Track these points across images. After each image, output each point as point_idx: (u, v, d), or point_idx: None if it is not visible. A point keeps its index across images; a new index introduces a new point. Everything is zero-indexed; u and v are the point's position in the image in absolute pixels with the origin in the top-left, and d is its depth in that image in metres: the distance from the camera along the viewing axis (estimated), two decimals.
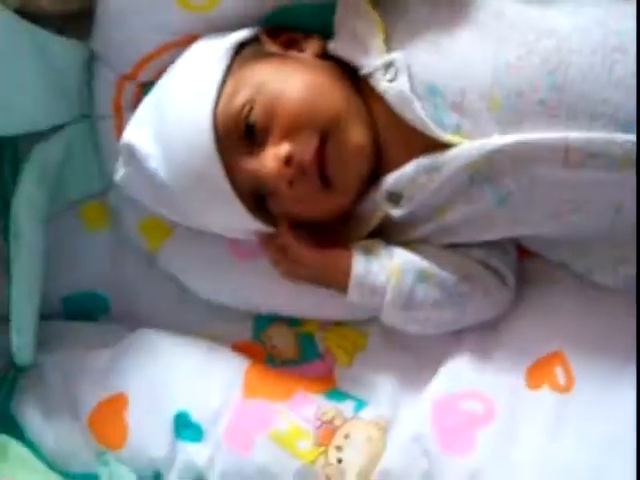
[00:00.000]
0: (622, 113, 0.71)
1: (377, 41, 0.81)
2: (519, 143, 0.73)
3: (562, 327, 0.82)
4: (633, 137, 0.71)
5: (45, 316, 0.98)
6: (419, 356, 0.88)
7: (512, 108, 0.74)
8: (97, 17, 0.91)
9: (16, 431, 0.92)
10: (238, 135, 0.80)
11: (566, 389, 0.79)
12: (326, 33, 0.88)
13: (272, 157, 0.78)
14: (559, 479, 0.75)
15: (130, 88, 0.95)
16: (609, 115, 0.72)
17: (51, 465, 0.89)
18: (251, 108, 0.80)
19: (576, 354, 0.80)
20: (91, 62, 0.96)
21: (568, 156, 0.72)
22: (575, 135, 0.72)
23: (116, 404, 0.91)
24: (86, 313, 1.04)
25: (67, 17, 0.95)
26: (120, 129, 0.93)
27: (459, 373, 0.84)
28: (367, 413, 0.85)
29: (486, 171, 0.76)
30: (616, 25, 0.73)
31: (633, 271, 0.79)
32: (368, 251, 0.84)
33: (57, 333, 1.00)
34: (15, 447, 0.89)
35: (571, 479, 0.74)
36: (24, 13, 0.88)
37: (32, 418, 0.92)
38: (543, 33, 0.74)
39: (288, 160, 0.78)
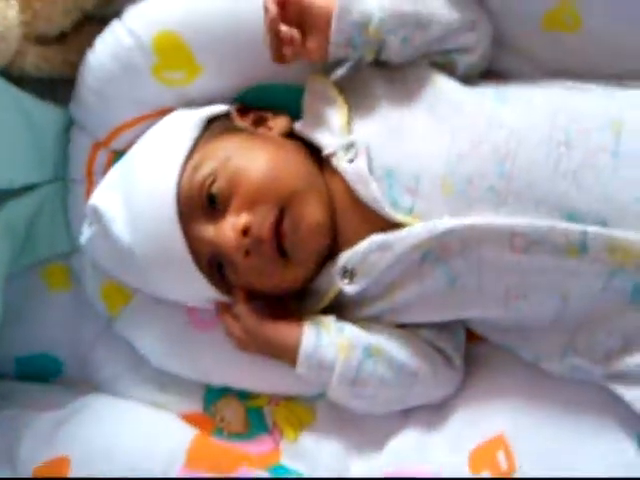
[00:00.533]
0: (566, 203, 0.75)
1: (340, 123, 0.85)
2: (467, 227, 0.76)
3: (506, 411, 0.83)
4: (577, 227, 0.74)
5: None
6: (365, 433, 0.88)
7: (463, 194, 0.78)
8: (77, 85, 0.95)
9: None
10: (200, 205, 0.83)
11: (507, 474, 0.78)
12: (295, 113, 0.92)
13: (230, 227, 0.81)
14: None
15: (103, 155, 0.98)
16: (554, 204, 0.75)
17: None
18: (214, 180, 0.82)
19: (519, 439, 0.80)
20: (69, 127, 0.99)
21: (513, 241, 0.75)
22: (520, 221, 0.75)
23: (58, 467, 0.88)
24: (39, 374, 1.03)
25: (51, 82, 0.99)
26: (90, 193, 0.95)
27: (405, 450, 0.84)
28: None
29: (436, 251, 0.78)
30: (564, 122, 0.78)
31: (579, 361, 0.80)
32: (319, 325, 0.85)
33: (7, 392, 0.98)
34: None
35: None
36: (9, 75, 0.91)
37: None
38: (494, 126, 0.79)
39: (246, 231, 0.80)
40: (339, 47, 0.83)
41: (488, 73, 0.91)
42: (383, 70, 0.87)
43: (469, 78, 0.87)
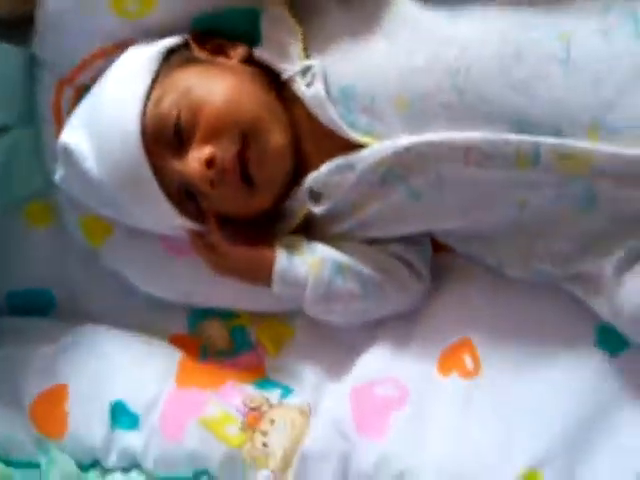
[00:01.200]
0: (519, 115, 0.77)
1: (296, 48, 0.87)
2: (423, 143, 0.79)
3: (472, 317, 0.89)
4: (529, 138, 0.76)
5: None
6: (342, 346, 0.94)
7: (418, 111, 0.80)
8: (36, 22, 0.95)
9: None
10: (166, 138, 0.85)
11: (474, 374, 0.85)
12: (254, 39, 0.92)
13: (195, 159, 0.83)
14: (468, 455, 0.81)
15: (69, 91, 0.99)
16: (507, 117, 0.77)
17: None
18: (176, 113, 0.84)
19: (484, 342, 0.87)
20: (32, 67, 1.00)
21: (468, 156, 0.78)
22: (473, 136, 0.77)
23: (57, 395, 0.95)
24: (33, 309, 1.08)
25: (9, 22, 0.99)
26: (60, 131, 0.96)
27: (377, 361, 0.90)
28: (292, 400, 0.91)
29: (396, 169, 0.81)
30: (514, 35, 0.79)
31: (540, 265, 0.85)
32: (291, 247, 0.89)
33: (5, 327, 1.03)
34: None
35: (480, 454, 0.80)
36: None
37: None
38: (448, 41, 0.80)
39: (210, 162, 0.82)
40: None
41: None
42: None
43: None
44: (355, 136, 0.82)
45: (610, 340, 0.84)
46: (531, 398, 0.81)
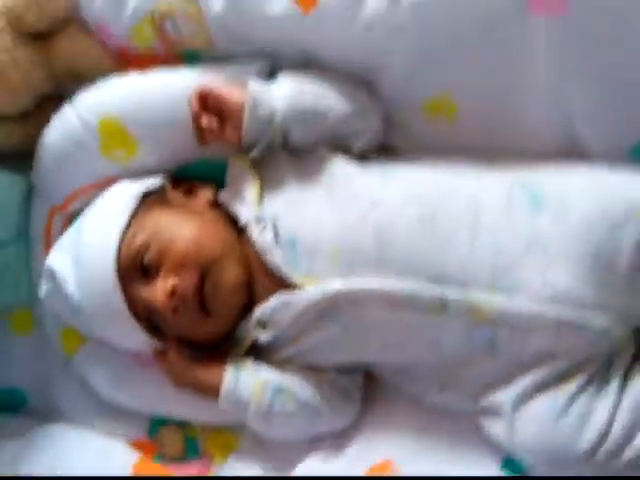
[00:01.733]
0: (432, 270, 0.90)
1: (253, 197, 1.00)
2: (350, 290, 0.91)
3: (396, 440, 1.00)
4: (439, 290, 0.89)
5: None
6: (280, 457, 1.04)
7: (348, 261, 0.93)
8: (36, 158, 1.10)
9: None
10: (135, 270, 0.97)
11: None
12: (223, 183, 1.07)
13: (160, 289, 0.95)
14: None
15: (59, 218, 1.12)
16: (422, 271, 0.90)
17: None
18: (146, 249, 0.97)
19: (404, 464, 0.97)
20: (30, 193, 1.14)
21: (389, 301, 0.91)
22: (394, 285, 0.90)
23: None
24: (7, 405, 1.17)
25: (15, 153, 1.14)
26: (48, 250, 1.08)
27: (312, 470, 1.00)
28: None
29: (328, 308, 0.93)
30: (434, 201, 0.93)
31: (452, 397, 0.97)
32: (239, 368, 1.00)
33: None
34: None
35: None
36: None
37: None
38: (375, 202, 0.94)
39: (173, 292, 0.95)
40: (251, 134, 0.98)
41: (383, 148, 1.06)
42: (291, 152, 1.02)
43: (365, 153, 1.03)
44: (296, 278, 0.95)
45: (514, 463, 0.95)
46: None
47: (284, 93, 0.98)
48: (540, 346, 0.89)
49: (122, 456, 1.06)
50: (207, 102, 0.98)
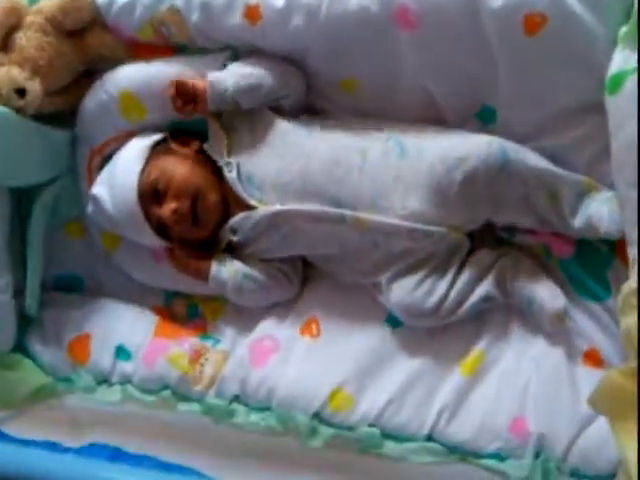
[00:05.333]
0: (334, 196, 1.37)
1: (223, 149, 1.48)
2: (283, 210, 1.40)
3: (319, 303, 1.51)
4: (338, 210, 1.37)
5: (42, 288, 1.58)
6: (249, 317, 1.54)
7: (283, 192, 1.41)
8: (77, 118, 1.57)
9: (27, 354, 1.55)
10: (150, 196, 1.45)
11: (317, 336, 1.47)
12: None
13: (166, 209, 1.44)
14: (320, 367, 1.41)
15: (97, 158, 1.56)
16: (328, 197, 1.37)
17: (46, 371, 1.52)
18: (157, 182, 1.46)
19: (325, 318, 1.49)
20: (74, 141, 1.61)
21: (308, 216, 1.39)
22: (310, 207, 1.38)
23: (84, 339, 1.54)
24: (70, 287, 1.64)
25: (61, 115, 1.60)
26: (90, 182, 1.55)
27: (265, 327, 1.51)
28: (219, 347, 1.50)
29: (272, 222, 1.42)
30: (337, 149, 1.41)
31: (356, 277, 1.47)
32: (221, 261, 1.50)
33: (50, 299, 1.60)
34: (26, 361, 1.54)
35: (326, 367, 1.41)
36: (36, 116, 1.52)
37: (36, 346, 1.56)
38: (301, 150, 1.40)
39: (174, 211, 1.44)
40: (214, 106, 1.44)
41: (312, 110, 1.53)
42: (244, 116, 1.48)
43: (297, 113, 1.49)
44: (252, 203, 1.44)
45: (393, 319, 1.46)
46: (345, 349, 1.44)
47: (232, 77, 1.41)
48: (403, 246, 1.38)
49: (149, 317, 1.57)
50: (182, 89, 1.44)
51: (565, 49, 1.31)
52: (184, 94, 1.44)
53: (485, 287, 1.37)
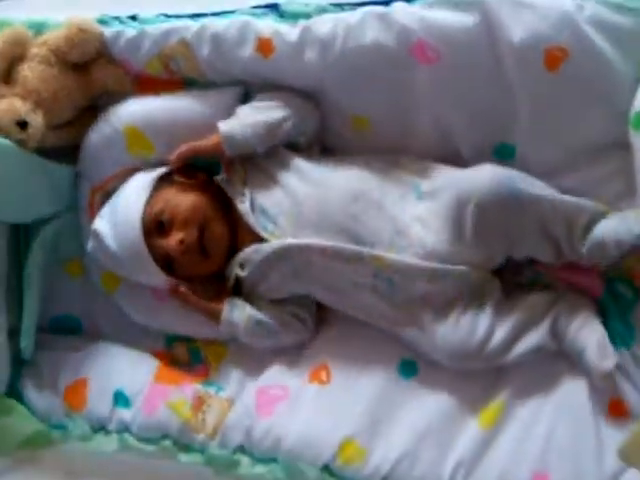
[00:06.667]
0: (352, 233, 1.32)
1: (238, 181, 1.43)
2: (296, 244, 1.35)
3: (330, 348, 1.44)
4: (356, 248, 1.32)
5: (38, 330, 1.51)
6: (255, 362, 1.46)
7: (298, 225, 1.36)
8: (81, 153, 1.52)
9: (20, 399, 1.46)
10: (155, 228, 1.39)
11: (326, 383, 1.39)
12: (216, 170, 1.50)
13: (173, 240, 1.38)
14: (329, 416, 1.33)
15: (98, 195, 1.52)
16: (345, 233, 1.32)
17: (39, 417, 1.43)
18: (162, 213, 1.40)
19: (336, 365, 1.41)
20: (76, 177, 1.56)
21: (324, 253, 1.33)
22: (326, 243, 1.33)
23: (81, 384, 1.46)
24: (67, 329, 1.57)
25: (64, 150, 1.55)
26: (92, 218, 1.48)
27: (273, 374, 1.44)
28: (222, 394, 1.43)
29: (283, 255, 1.36)
30: (354, 187, 1.36)
31: (375, 320, 1.40)
32: (233, 304, 1.42)
33: (44, 341, 1.52)
34: (19, 406, 1.45)
35: (336, 417, 1.32)
36: (38, 150, 1.47)
37: (30, 391, 1.47)
38: (317, 185, 1.36)
39: (181, 242, 1.38)
40: (230, 154, 1.41)
41: (325, 149, 1.49)
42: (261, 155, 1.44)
43: (312, 153, 1.45)
44: (264, 235, 1.38)
45: (405, 370, 1.38)
46: (356, 396, 1.36)
47: (246, 127, 1.38)
48: (421, 287, 1.32)
49: (149, 361, 1.49)
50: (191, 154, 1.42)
51: (587, 84, 1.27)
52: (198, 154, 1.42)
53: (538, 336, 1.29)
